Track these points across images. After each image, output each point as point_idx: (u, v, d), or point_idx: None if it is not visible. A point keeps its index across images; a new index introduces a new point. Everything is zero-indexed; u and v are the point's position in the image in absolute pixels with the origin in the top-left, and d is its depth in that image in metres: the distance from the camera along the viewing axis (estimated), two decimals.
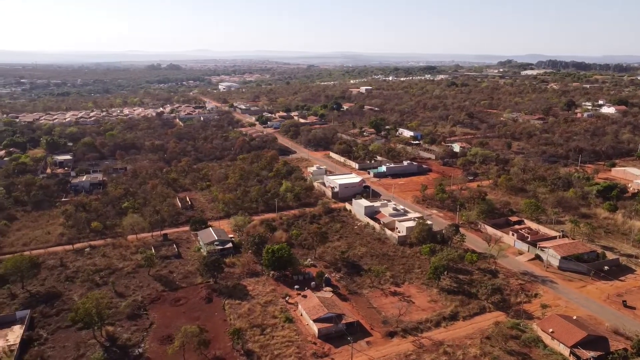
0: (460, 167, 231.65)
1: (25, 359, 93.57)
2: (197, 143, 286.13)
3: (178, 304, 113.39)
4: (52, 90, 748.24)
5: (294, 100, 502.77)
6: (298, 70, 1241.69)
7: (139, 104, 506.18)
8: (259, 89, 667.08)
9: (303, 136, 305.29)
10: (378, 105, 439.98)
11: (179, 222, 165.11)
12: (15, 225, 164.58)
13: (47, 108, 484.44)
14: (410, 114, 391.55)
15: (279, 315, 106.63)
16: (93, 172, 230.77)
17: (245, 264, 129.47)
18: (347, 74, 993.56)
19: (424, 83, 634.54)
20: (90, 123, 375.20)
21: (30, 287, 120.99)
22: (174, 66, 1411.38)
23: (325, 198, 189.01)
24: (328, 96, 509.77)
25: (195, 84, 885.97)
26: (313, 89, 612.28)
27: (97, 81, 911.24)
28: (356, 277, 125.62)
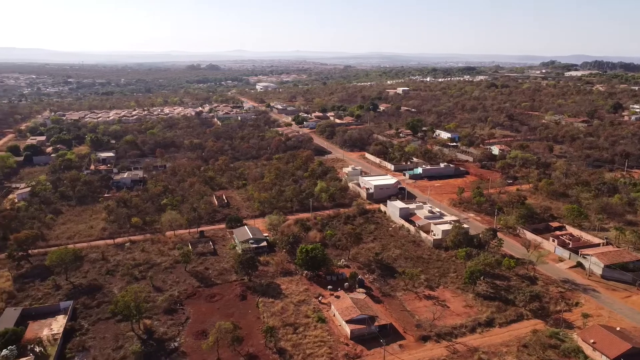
0: (499, 170, 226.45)
1: (68, 348, 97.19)
2: (234, 142, 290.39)
3: (213, 300, 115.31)
4: (97, 90, 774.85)
5: (330, 100, 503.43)
6: (335, 71, 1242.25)
7: (179, 103, 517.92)
8: (296, 89, 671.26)
9: (339, 137, 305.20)
10: (415, 107, 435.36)
11: (215, 219, 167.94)
12: (60, 219, 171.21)
13: (92, 106, 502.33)
14: (448, 115, 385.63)
15: (312, 315, 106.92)
16: (134, 169, 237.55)
17: (279, 263, 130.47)
18: (384, 74, 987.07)
19: (463, 84, 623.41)
20: (132, 121, 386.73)
21: (74, 279, 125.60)
22: (213, 66, 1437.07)
23: (360, 199, 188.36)
24: (364, 97, 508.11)
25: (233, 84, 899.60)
26: (349, 89, 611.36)
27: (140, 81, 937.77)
28: (390, 279, 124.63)
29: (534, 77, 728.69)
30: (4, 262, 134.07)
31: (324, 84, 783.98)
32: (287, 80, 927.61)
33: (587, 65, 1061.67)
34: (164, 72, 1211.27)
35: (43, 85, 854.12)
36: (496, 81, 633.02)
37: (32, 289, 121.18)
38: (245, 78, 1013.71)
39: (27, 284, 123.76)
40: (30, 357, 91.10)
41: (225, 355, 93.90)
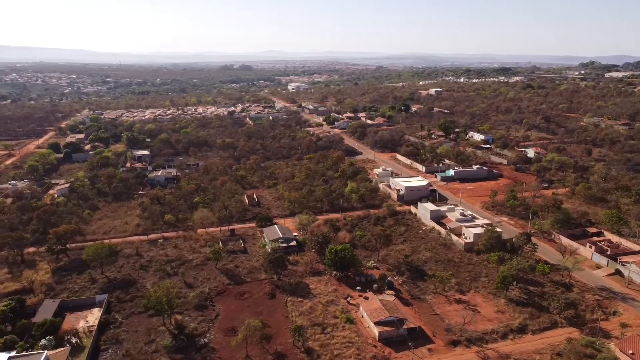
0: (534, 173, 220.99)
1: (102, 340, 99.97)
2: (266, 142, 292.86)
3: (242, 298, 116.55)
4: (134, 89, 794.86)
5: (361, 101, 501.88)
6: (367, 71, 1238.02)
7: (212, 103, 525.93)
8: (328, 90, 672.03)
9: (370, 137, 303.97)
10: (448, 108, 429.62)
11: (246, 218, 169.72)
12: (97, 214, 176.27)
13: (128, 106, 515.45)
14: (482, 116, 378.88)
15: (340, 316, 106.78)
16: (168, 167, 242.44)
17: (308, 263, 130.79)
18: (416, 75, 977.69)
19: (498, 85, 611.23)
20: (166, 120, 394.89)
21: (109, 273, 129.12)
22: (245, 67, 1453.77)
23: (390, 200, 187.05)
24: (396, 97, 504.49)
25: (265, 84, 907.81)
26: (381, 90, 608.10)
27: (175, 81, 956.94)
28: (419, 282, 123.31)
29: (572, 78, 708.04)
30: (43, 255, 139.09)
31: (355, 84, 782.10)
32: (318, 81, 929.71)
33: (629, 66, 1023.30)
34: (198, 72, 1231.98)
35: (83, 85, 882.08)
36: (532, 82, 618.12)
37: (70, 282, 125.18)
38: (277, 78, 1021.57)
39: (65, 276, 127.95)
40: (67, 347, 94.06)
41: (254, 353, 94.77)
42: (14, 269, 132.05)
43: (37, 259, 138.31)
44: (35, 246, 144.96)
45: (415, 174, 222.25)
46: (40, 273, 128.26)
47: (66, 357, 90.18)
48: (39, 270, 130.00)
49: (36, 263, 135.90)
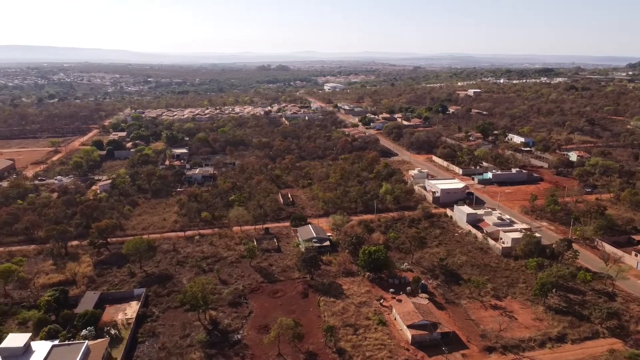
0: (577, 177, 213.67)
1: (139, 332, 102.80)
2: (301, 142, 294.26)
3: (276, 296, 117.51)
4: (174, 89, 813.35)
5: (398, 101, 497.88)
6: (404, 72, 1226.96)
7: (249, 103, 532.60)
8: (364, 90, 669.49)
9: (406, 138, 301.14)
10: (487, 109, 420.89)
11: (280, 217, 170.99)
12: (137, 210, 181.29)
13: (168, 105, 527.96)
14: (522, 118, 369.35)
15: (373, 317, 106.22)
16: (205, 165, 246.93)
17: (342, 263, 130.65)
18: (454, 75, 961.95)
19: (539, 86, 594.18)
20: (204, 120, 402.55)
21: (147, 268, 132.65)
22: (282, 67, 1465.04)
23: (426, 202, 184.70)
24: (433, 98, 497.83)
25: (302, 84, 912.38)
26: (418, 90, 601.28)
27: (213, 81, 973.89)
28: (454, 286, 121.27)
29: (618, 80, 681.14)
30: (86, 249, 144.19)
31: (392, 85, 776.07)
32: (355, 81, 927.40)
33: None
34: (236, 73, 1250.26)
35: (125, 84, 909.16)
36: (576, 83, 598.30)
37: (110, 275, 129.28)
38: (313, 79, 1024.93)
39: (105, 270, 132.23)
40: (107, 338, 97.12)
41: (286, 351, 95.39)
42: (59, 261, 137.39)
43: (80, 252, 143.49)
44: (79, 239, 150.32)
45: (451, 176, 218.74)
46: (82, 266, 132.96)
47: (105, 347, 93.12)
48: (81, 263, 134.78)
49: (79, 256, 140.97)
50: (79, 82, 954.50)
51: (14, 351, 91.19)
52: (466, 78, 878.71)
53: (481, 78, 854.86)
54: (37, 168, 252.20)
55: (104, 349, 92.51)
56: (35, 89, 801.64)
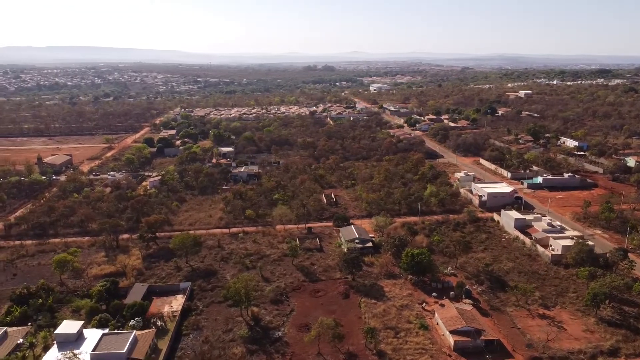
0: (635, 184, 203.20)
1: (184, 325, 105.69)
2: (346, 142, 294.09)
3: (317, 296, 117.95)
4: (222, 88, 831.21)
5: (445, 103, 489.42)
6: (451, 73, 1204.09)
7: (294, 103, 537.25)
8: (410, 91, 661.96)
9: (452, 140, 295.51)
10: (538, 111, 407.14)
11: (323, 217, 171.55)
12: (184, 206, 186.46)
13: (216, 104, 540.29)
14: (576, 122, 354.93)
15: (414, 321, 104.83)
16: (250, 164, 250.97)
17: (384, 265, 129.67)
18: (505, 76, 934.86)
19: (595, 88, 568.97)
20: (251, 119, 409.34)
21: (193, 263, 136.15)
22: (328, 67, 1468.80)
23: (472, 206, 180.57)
24: (482, 100, 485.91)
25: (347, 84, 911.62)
26: (466, 92, 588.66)
27: (260, 81, 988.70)
28: (500, 292, 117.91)
29: None
30: (135, 242, 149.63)
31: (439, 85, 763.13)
32: (401, 82, 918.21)
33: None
34: (282, 73, 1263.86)
35: (176, 84, 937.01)
36: (636, 85, 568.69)
37: (158, 268, 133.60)
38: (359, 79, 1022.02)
39: (153, 263, 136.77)
40: (153, 329, 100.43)
41: (326, 351, 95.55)
42: (110, 253, 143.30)
43: (130, 245, 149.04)
44: (129, 233, 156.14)
45: (499, 180, 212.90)
46: (132, 258, 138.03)
47: (152, 338, 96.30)
48: (131, 256, 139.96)
49: (129, 249, 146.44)
50: (133, 81, 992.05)
51: (68, 337, 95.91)
52: (517, 79, 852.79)
53: (533, 79, 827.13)
54: (92, 163, 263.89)
55: (151, 339, 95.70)
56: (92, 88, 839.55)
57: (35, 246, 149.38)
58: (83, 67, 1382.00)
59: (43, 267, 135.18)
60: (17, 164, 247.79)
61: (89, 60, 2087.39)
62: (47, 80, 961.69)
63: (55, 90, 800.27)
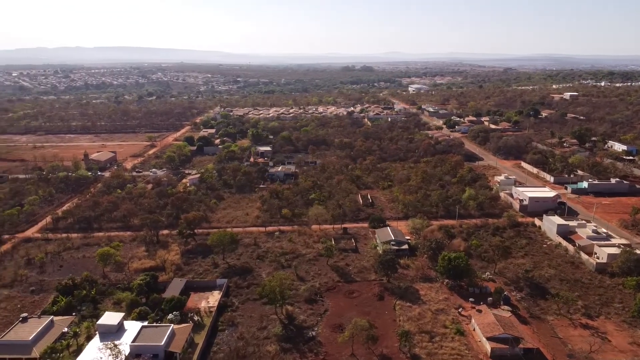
0: None
1: (220, 321, 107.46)
2: (383, 143, 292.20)
3: (351, 296, 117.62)
4: (261, 88, 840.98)
5: (485, 104, 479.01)
6: (493, 74, 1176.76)
7: (332, 103, 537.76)
8: (449, 92, 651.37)
9: (492, 143, 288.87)
10: (584, 114, 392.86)
11: (359, 218, 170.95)
12: (222, 204, 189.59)
13: (255, 104, 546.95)
14: (625, 125, 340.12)
15: (450, 326, 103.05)
16: (287, 163, 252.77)
17: (420, 268, 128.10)
18: (549, 78, 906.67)
19: None
20: (289, 119, 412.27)
21: (229, 260, 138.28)
22: (367, 68, 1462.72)
23: (512, 210, 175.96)
24: (525, 102, 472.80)
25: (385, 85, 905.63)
26: (508, 93, 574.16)
27: (298, 81, 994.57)
28: (540, 300, 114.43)
29: None
30: (175, 238, 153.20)
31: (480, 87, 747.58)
32: (440, 83, 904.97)
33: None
34: (321, 73, 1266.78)
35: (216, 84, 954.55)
36: None
37: (195, 264, 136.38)
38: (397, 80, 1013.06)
39: (191, 259, 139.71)
40: (190, 324, 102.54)
41: (359, 352, 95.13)
42: (150, 248, 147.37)
43: (169, 241, 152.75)
44: (169, 229, 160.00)
45: (541, 184, 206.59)
46: (171, 254, 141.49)
47: (189, 332, 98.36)
48: (170, 251, 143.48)
49: (169, 244, 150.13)
50: (175, 81, 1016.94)
51: (109, 328, 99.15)
52: (562, 80, 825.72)
53: (579, 80, 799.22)
54: (135, 161, 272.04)
55: (188, 333, 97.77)
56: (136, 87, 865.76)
57: (81, 239, 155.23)
58: (128, 67, 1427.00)
59: (87, 259, 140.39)
60: (65, 160, 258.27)
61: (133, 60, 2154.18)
62: (94, 80, 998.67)
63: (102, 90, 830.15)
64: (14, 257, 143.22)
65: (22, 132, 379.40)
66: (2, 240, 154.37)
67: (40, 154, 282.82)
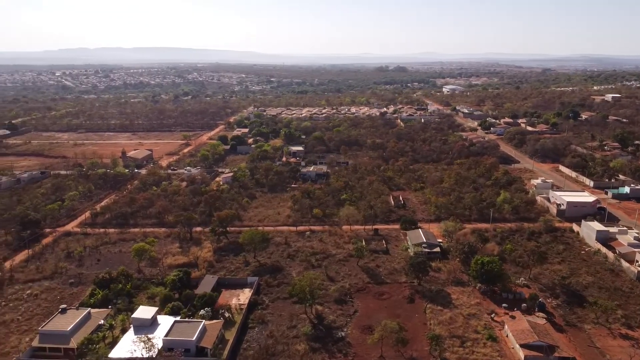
0: None
1: (250, 318, 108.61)
2: (416, 144, 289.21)
3: (381, 298, 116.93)
4: (294, 88, 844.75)
5: (522, 106, 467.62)
6: (531, 74, 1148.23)
7: (365, 103, 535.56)
8: (485, 93, 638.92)
9: (529, 145, 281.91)
10: (627, 116, 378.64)
11: (390, 219, 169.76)
12: (254, 203, 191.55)
13: (288, 104, 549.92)
14: None
15: (482, 331, 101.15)
16: (319, 163, 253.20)
17: (451, 271, 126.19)
18: (589, 79, 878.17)
19: None
20: (321, 119, 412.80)
21: (260, 258, 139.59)
22: (400, 68, 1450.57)
23: (549, 215, 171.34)
24: (564, 103, 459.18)
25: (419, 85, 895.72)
26: (546, 94, 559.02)
27: (331, 81, 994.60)
28: (577, 308, 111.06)
29: None
30: (207, 235, 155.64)
31: (516, 88, 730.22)
32: (476, 83, 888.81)
33: None
34: (354, 73, 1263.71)
35: (250, 84, 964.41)
36: None
37: (227, 262, 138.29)
38: (432, 80, 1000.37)
39: (223, 256, 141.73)
40: (221, 320, 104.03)
41: (389, 354, 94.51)
42: (184, 245, 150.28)
43: (202, 238, 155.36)
44: (202, 226, 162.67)
45: (580, 189, 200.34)
46: (204, 251, 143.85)
47: (220, 329, 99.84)
48: (203, 248, 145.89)
49: (201, 241, 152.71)
50: (210, 81, 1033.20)
51: (143, 322, 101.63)
52: (604, 82, 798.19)
53: (622, 82, 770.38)
54: (170, 159, 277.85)
55: (218, 329, 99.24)
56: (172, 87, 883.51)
57: (117, 234, 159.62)
58: (165, 67, 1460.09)
59: (123, 254, 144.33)
60: (104, 157, 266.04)
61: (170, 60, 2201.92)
62: (132, 80, 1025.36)
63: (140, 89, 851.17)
64: (55, 250, 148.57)
65: (64, 129, 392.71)
66: (44, 234, 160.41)
67: (80, 151, 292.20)
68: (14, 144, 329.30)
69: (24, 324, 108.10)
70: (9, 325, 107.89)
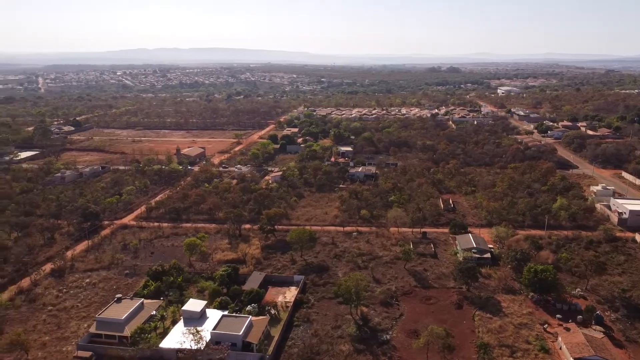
0: None
1: (295, 316, 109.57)
2: (467, 147, 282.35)
3: (428, 303, 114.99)
4: (344, 89, 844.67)
5: (583, 108, 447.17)
6: (593, 76, 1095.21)
7: (416, 105, 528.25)
8: (542, 95, 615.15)
9: (589, 150, 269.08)
10: None
11: (439, 223, 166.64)
12: (302, 202, 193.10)
13: (338, 104, 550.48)
14: None
15: (533, 342, 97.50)
16: (368, 164, 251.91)
17: (502, 279, 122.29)
18: None
19: None
20: (371, 120, 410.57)
21: (307, 257, 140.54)
22: (453, 69, 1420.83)
23: (609, 224, 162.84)
24: (628, 106, 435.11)
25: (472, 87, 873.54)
26: (609, 97, 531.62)
27: (382, 82, 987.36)
28: (638, 323, 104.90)
29: None
30: (256, 233, 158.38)
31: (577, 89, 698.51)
32: (532, 85, 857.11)
33: None
34: (405, 74, 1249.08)
35: (301, 84, 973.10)
36: None
37: (274, 259, 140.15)
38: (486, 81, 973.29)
39: (271, 254, 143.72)
40: (267, 317, 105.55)
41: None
42: (233, 241, 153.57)
43: (251, 235, 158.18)
44: (251, 224, 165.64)
45: None
46: (252, 248, 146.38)
47: (266, 325, 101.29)
48: (251, 245, 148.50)
49: (250, 238, 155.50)
50: (262, 81, 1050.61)
51: (193, 314, 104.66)
52: None
53: None
54: (222, 157, 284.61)
55: (264, 326, 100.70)
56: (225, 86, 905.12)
57: (170, 229, 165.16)
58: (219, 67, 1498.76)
59: (175, 248, 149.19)
60: (160, 154, 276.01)
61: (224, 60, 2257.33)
62: (188, 79, 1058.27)
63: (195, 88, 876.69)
64: (112, 241, 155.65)
65: (123, 126, 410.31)
66: (103, 226, 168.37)
67: (138, 147, 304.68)
68: (78, 140, 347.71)
69: (83, 311, 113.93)
70: (70, 311, 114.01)
